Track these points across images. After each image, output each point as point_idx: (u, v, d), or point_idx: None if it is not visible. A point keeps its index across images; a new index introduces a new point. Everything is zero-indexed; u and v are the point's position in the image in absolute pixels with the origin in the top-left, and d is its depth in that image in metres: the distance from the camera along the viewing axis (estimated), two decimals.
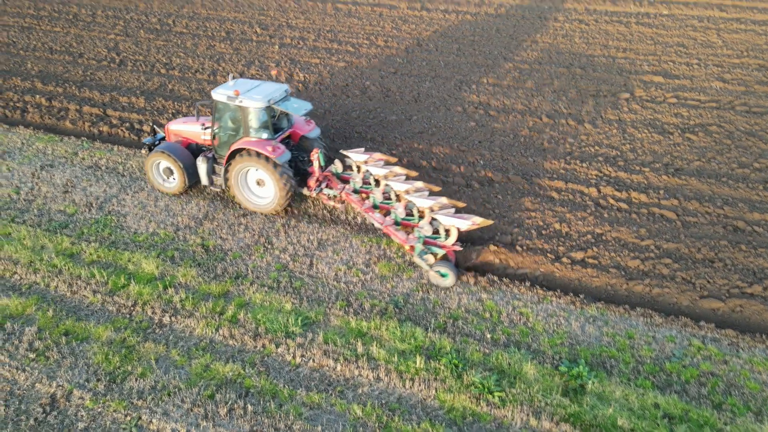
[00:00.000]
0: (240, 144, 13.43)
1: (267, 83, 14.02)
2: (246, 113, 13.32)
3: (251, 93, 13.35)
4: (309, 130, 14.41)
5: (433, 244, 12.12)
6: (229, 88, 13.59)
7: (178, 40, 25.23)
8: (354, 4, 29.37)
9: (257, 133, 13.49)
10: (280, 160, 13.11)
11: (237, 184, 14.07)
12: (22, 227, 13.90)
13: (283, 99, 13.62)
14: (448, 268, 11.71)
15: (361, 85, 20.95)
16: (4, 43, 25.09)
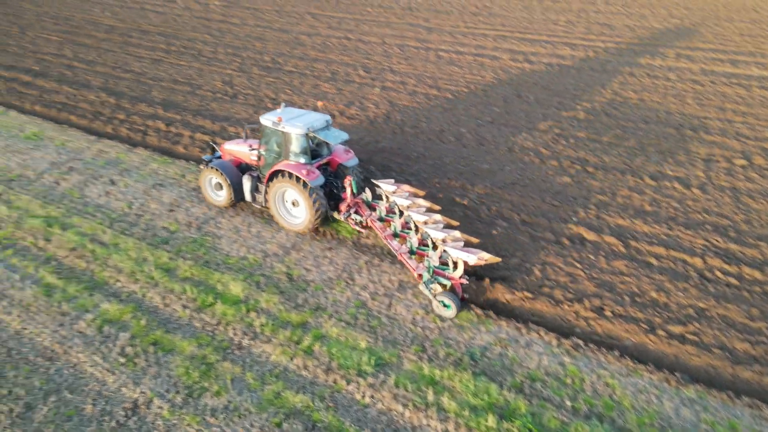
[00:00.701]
0: (279, 166, 14.49)
1: (311, 113, 15.04)
2: (287, 138, 14.40)
3: (294, 120, 14.47)
4: (347, 159, 15.27)
5: (442, 275, 12.36)
6: (275, 114, 14.78)
7: (287, 78, 26.80)
8: (457, 53, 29.92)
9: (296, 157, 14.47)
10: (313, 183, 14.10)
11: (274, 203, 15.14)
12: (130, 239, 15.01)
13: (324, 128, 14.53)
14: (452, 300, 11.93)
15: (457, 131, 21.08)
16: (136, 73, 27.84)
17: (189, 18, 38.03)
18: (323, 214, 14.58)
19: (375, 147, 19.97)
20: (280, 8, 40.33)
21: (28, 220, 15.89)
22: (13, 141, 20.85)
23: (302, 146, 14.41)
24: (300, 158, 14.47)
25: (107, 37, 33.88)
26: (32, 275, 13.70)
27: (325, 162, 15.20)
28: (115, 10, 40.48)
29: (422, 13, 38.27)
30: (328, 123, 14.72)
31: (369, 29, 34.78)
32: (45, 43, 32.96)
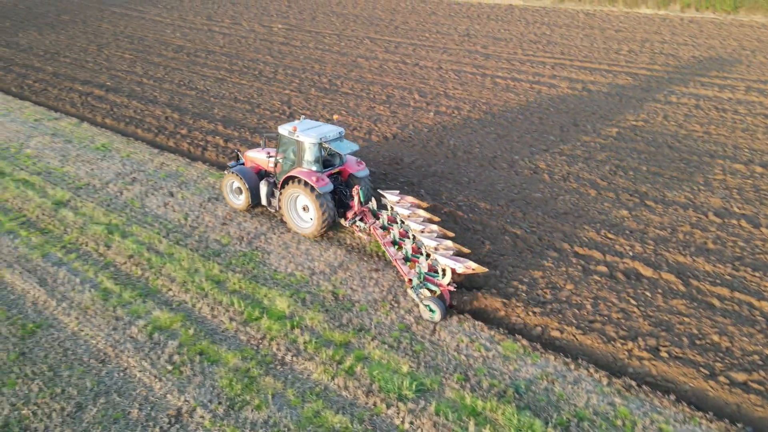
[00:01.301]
0: (292, 173, 15.37)
1: (326, 125, 15.86)
2: (301, 147, 15.30)
3: (308, 131, 15.35)
4: (358, 169, 16.01)
5: (431, 281, 12.92)
6: (291, 124, 15.79)
7: (342, 99, 27.30)
8: (514, 80, 29.74)
9: (309, 165, 15.32)
10: (322, 189, 14.85)
11: (287, 208, 16.02)
12: (184, 250, 15.48)
13: (336, 139, 15.43)
14: (437, 305, 12.43)
15: (510, 158, 20.82)
16: (200, 90, 29.03)
17: (253, 40, 39.51)
18: (331, 219, 15.32)
19: (426, 171, 19.96)
20: (340, 32, 41.34)
21: (92, 226, 16.66)
22: (84, 151, 22.03)
23: (315, 155, 15.26)
24: (312, 166, 15.30)
25: (175, 56, 35.58)
26: (91, 279, 14.29)
27: (336, 171, 16.01)
28: (185, 31, 42.54)
29: (480, 40, 38.35)
30: (341, 134, 15.59)
31: (426, 54, 35.11)
32: (119, 60, 34.92)
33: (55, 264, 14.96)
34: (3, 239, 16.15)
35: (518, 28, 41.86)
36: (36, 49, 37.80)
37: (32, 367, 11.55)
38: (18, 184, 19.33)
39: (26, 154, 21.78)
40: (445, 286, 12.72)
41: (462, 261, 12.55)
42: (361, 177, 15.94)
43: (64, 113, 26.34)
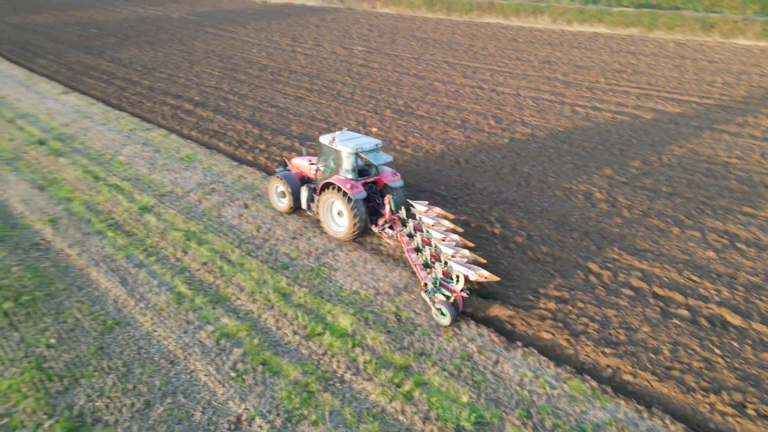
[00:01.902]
0: (330, 180, 16.28)
1: (364, 137, 16.88)
2: (339, 156, 16.28)
3: (346, 141, 16.35)
4: (392, 180, 16.78)
5: (445, 287, 13.35)
6: (332, 135, 16.83)
7: (417, 122, 27.46)
8: (594, 110, 28.84)
9: (345, 173, 16.24)
10: (355, 196, 15.65)
11: (323, 212, 16.94)
12: (254, 261, 15.93)
13: (372, 150, 16.29)
14: (448, 309, 12.86)
15: (587, 190, 20.09)
16: (280, 108, 30.13)
17: (333, 61, 40.71)
18: (362, 225, 16.15)
19: (498, 198, 19.61)
20: (418, 56, 41.82)
21: (172, 232, 17.52)
22: (170, 161, 23.33)
23: (351, 164, 16.16)
24: (348, 174, 16.22)
25: (260, 75, 37.21)
26: (168, 283, 14.97)
27: (372, 180, 16.81)
28: (270, 51, 44.49)
29: (561, 67, 37.58)
30: (377, 146, 16.49)
31: (503, 80, 34.80)
32: (208, 77, 36.95)
33: (137, 265, 15.80)
34: (93, 239, 17.27)
35: (602, 56, 40.72)
36: (135, 65, 40.72)
37: (108, 362, 12.17)
38: (110, 189, 20.69)
39: (119, 161, 23.33)
40: (458, 291, 13.08)
41: (475, 269, 12.96)
42: (394, 187, 16.65)
43: (155, 125, 28.07)
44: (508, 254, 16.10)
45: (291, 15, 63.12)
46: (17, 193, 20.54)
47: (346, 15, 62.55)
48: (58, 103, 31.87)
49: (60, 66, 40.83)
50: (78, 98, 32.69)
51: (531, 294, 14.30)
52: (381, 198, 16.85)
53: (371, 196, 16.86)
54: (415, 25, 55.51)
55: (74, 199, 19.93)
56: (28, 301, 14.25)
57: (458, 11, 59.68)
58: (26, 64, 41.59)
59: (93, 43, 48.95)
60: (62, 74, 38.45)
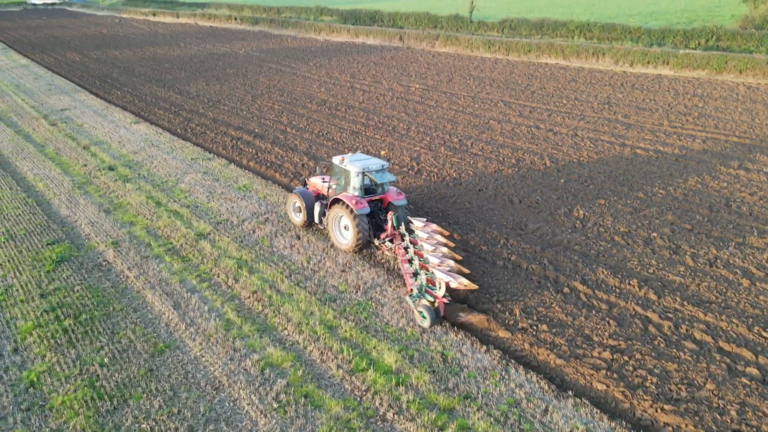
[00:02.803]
0: (338, 196, 17.80)
1: (372, 158, 18.25)
2: (347, 174, 17.78)
3: (355, 162, 17.78)
4: (397, 199, 18.16)
5: (429, 293, 14.54)
6: (342, 155, 18.34)
7: (471, 159, 27.35)
8: (656, 153, 27.91)
9: (353, 190, 17.67)
10: (359, 211, 17.09)
11: (331, 225, 18.41)
12: (302, 292, 16.04)
13: (378, 170, 17.73)
14: (429, 313, 14.05)
15: (647, 236, 19.28)
16: (336, 141, 30.76)
17: (390, 98, 41.42)
18: (365, 238, 17.57)
19: (551, 240, 19.10)
20: (475, 95, 41.98)
21: (225, 259, 17.94)
22: (228, 190, 24.09)
23: (358, 182, 17.57)
24: (356, 192, 17.60)
25: (318, 109, 38.27)
26: (218, 309, 15.25)
27: (377, 198, 18.25)
28: (329, 87, 45.81)
29: (621, 109, 36.75)
30: (383, 167, 17.87)
31: (561, 120, 34.32)
32: (268, 110, 38.31)
33: (190, 290, 16.21)
34: (151, 262, 17.90)
35: (666, 98, 39.62)
36: (202, 97, 42.78)
37: (156, 384, 12.40)
38: (170, 214, 21.51)
39: (180, 188, 24.30)
40: (440, 297, 14.25)
41: (456, 277, 14.42)
42: (398, 205, 18.05)
43: (216, 154, 29.20)
44: (561, 299, 15.54)
45: (351, 53, 65.02)
46: (86, 215, 21.66)
47: (405, 54, 63.86)
48: (129, 131, 33.75)
49: (134, 97, 43.41)
50: (147, 128, 34.54)
51: (584, 341, 13.69)
52: (385, 214, 18.15)
53: (376, 212, 18.29)
54: (473, 64, 55.95)
55: (137, 223, 20.81)
56: (86, 319, 14.82)
57: (516, 51, 59.79)
58: (104, 95, 44.46)
59: (165, 76, 51.91)
60: (135, 105, 40.83)
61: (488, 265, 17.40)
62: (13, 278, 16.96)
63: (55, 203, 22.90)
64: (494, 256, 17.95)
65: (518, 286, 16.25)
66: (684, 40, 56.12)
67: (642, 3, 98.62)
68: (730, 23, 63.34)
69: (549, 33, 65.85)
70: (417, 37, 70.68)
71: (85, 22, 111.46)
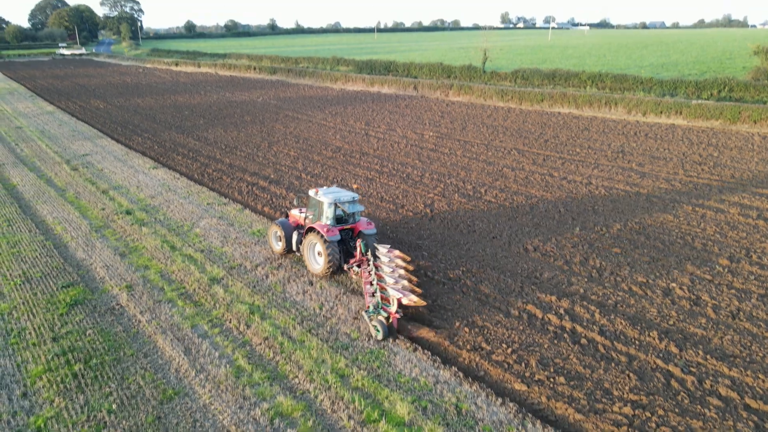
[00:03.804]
0: (312, 225, 19.39)
1: (343, 191, 20.10)
2: (321, 205, 19.50)
3: (328, 194, 19.55)
4: (367, 228, 19.69)
5: (384, 309, 15.96)
6: (316, 188, 20.08)
7: (484, 207, 27.34)
8: (672, 201, 27.70)
9: (326, 220, 19.26)
10: (330, 239, 18.65)
11: (306, 252, 19.99)
12: (314, 339, 15.82)
13: (349, 202, 19.44)
14: (381, 327, 15.52)
15: (665, 286, 18.89)
16: (349, 188, 31.00)
17: (404, 145, 41.95)
18: (335, 263, 19.04)
19: (567, 289, 18.78)
20: (488, 142, 42.38)
21: (237, 304, 17.84)
22: (242, 234, 24.22)
23: (331, 212, 19.15)
24: (328, 221, 19.19)
25: (333, 156, 38.80)
26: (229, 355, 15.05)
27: (349, 227, 19.75)
28: (344, 134, 46.59)
29: (636, 158, 36.79)
30: (354, 199, 19.63)
31: (575, 168, 34.39)
32: (284, 156, 38.93)
33: (201, 336, 16.07)
34: (164, 306, 17.86)
35: (680, 147, 39.66)
36: (219, 143, 43.66)
37: None
38: (184, 258, 21.59)
39: (195, 233, 24.47)
40: (392, 312, 15.70)
41: (406, 294, 15.72)
42: (367, 234, 19.51)
43: (231, 199, 29.52)
44: (579, 350, 15.14)
45: (366, 101, 66.41)
46: (101, 258, 21.82)
47: (419, 102, 65.06)
48: (147, 176, 34.38)
49: (153, 143, 44.44)
50: (165, 173, 35.17)
51: (604, 395, 13.24)
52: (355, 242, 19.57)
53: (347, 240, 19.83)
54: (486, 113, 56.76)
55: (151, 267, 20.90)
56: (97, 364, 14.69)
57: (529, 101, 60.67)
58: (125, 141, 45.59)
59: (184, 123, 53.24)
60: (154, 150, 41.74)
61: (502, 315, 17.10)
62: (27, 321, 16.97)
63: (72, 246, 23.14)
64: (508, 305, 17.66)
65: (534, 336, 15.90)
66: (696, 90, 56.63)
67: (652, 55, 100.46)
68: (741, 75, 63.98)
69: (561, 83, 66.87)
70: (431, 87, 72.17)
71: (110, 71, 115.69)
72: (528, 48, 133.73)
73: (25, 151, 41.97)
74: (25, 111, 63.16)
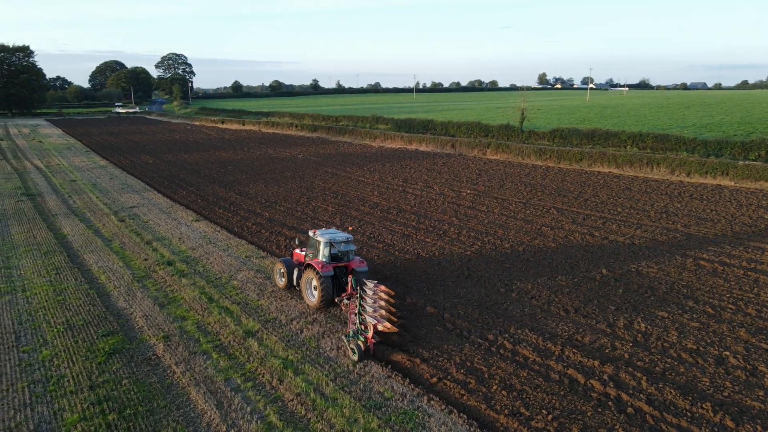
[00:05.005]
0: (310, 262, 21.68)
1: (339, 232, 22.55)
2: (318, 244, 21.94)
3: (325, 234, 22.12)
4: (359, 266, 21.98)
5: (362, 334, 17.96)
6: (315, 228, 23.61)
7: (522, 266, 26.82)
8: (722, 264, 26.60)
9: (323, 257, 21.56)
10: (323, 274, 20.90)
11: (304, 286, 22.10)
12: (347, 397, 15.45)
13: (343, 242, 21.92)
14: (358, 349, 17.44)
15: (718, 354, 17.87)
16: (387, 244, 31.00)
17: (441, 202, 42.05)
18: (328, 296, 21.13)
19: (610, 354, 17.96)
20: (527, 201, 42.09)
21: (271, 359, 17.71)
22: (278, 288, 24.32)
23: (327, 251, 21.49)
24: (324, 258, 21.48)
25: (370, 212, 39.14)
26: (260, 411, 14.82)
27: (343, 265, 21.97)
28: (382, 191, 47.14)
29: (681, 218, 35.78)
30: (348, 239, 22.12)
31: (616, 228, 33.62)
32: (322, 211, 39.50)
33: (234, 389, 15.93)
34: (198, 358, 17.87)
35: (728, 209, 38.44)
36: (260, 198, 44.75)
37: None
38: (221, 310, 21.75)
39: (233, 285, 24.74)
40: (369, 337, 17.71)
41: (381, 321, 17.68)
42: (359, 271, 21.74)
43: (269, 252, 29.89)
44: (625, 420, 14.29)
45: (404, 158, 67.42)
46: (141, 308, 22.20)
47: (457, 160, 65.63)
48: (189, 228, 35.32)
49: (197, 196, 45.91)
50: (207, 225, 36.08)
51: None
52: (347, 278, 21.67)
53: (341, 276, 21.98)
54: (524, 171, 56.68)
55: (188, 318, 21.10)
56: (130, 414, 14.67)
57: (568, 160, 60.41)
58: (170, 194, 47.28)
59: (227, 178, 54.99)
60: (197, 204, 43.05)
61: (541, 378, 16.40)
62: (66, 368, 17.21)
63: (114, 295, 23.67)
64: (548, 369, 16.95)
65: (576, 403, 15.13)
66: (743, 151, 55.35)
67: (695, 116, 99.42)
68: None
69: (600, 143, 66.53)
70: (468, 145, 72.91)
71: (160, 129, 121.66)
72: (566, 108, 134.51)
73: (77, 203, 43.91)
74: (80, 165, 66.56)
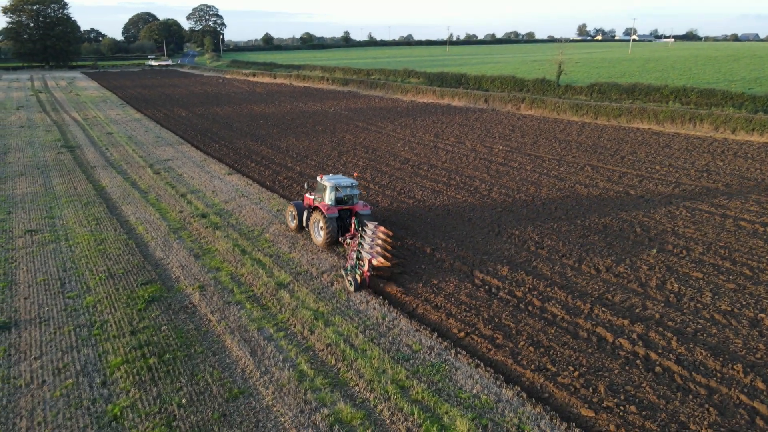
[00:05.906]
0: (317, 204, 23.85)
1: (345, 177, 24.45)
2: (324, 188, 23.81)
3: (331, 179, 23.94)
4: (362, 209, 23.94)
5: (360, 268, 19.79)
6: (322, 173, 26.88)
7: (554, 224, 26.55)
8: (763, 225, 25.82)
9: (328, 200, 23.44)
10: (328, 215, 22.93)
11: (312, 227, 24.22)
12: (376, 348, 15.85)
13: (348, 186, 23.75)
14: (354, 282, 19.28)
15: (753, 316, 17.58)
16: (417, 200, 30.98)
17: (473, 158, 41.54)
18: (333, 235, 23.14)
19: (642, 313, 17.85)
20: (561, 158, 41.24)
21: (302, 310, 18.19)
22: (309, 242, 24.72)
23: (332, 194, 23.33)
24: (330, 202, 23.36)
25: (401, 167, 38.99)
26: (292, 359, 15.36)
27: (348, 208, 23.75)
28: (413, 146, 46.76)
29: (722, 177, 34.60)
30: (353, 184, 23.95)
31: (653, 187, 32.78)
32: (353, 166, 39.53)
33: (267, 338, 16.50)
34: (232, 308, 18.49)
35: None
36: (291, 152, 44.97)
37: (228, 431, 12.50)
38: (253, 263, 22.30)
39: (265, 238, 25.25)
40: (365, 270, 19.52)
41: (375, 256, 19.58)
42: (362, 214, 23.69)
43: None
44: (653, 378, 14.33)
45: (436, 113, 66.41)
46: (177, 258, 22.93)
47: (490, 115, 64.34)
48: (222, 182, 35.90)
49: (229, 150, 46.40)
50: (239, 179, 36.59)
51: (680, 428, 12.45)
52: (350, 219, 23.69)
53: (345, 218, 23.82)
54: (559, 127, 55.30)
55: (222, 269, 21.73)
56: (169, 359, 15.39)
57: (605, 115, 58.56)
58: (203, 147, 47.89)
59: (259, 132, 55.28)
60: (230, 157, 43.56)
61: (569, 336, 16.48)
62: (109, 314, 18.05)
63: (152, 246, 24.46)
64: (576, 327, 17.00)
65: (603, 360, 15.21)
66: None
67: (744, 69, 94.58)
68: None
69: (641, 98, 64.11)
70: (502, 100, 71.23)
71: (193, 82, 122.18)
72: (606, 61, 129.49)
73: (114, 155, 44.94)
74: (116, 118, 67.72)
